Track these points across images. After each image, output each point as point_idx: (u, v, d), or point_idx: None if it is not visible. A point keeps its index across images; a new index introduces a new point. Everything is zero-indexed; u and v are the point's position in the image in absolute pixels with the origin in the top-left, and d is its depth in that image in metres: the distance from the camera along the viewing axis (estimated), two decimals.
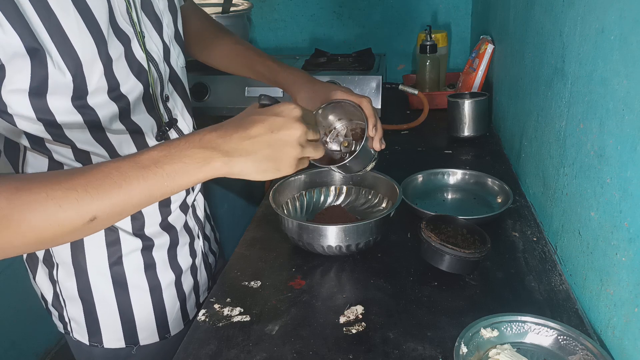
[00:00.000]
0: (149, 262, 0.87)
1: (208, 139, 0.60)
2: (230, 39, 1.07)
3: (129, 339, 0.89)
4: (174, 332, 0.93)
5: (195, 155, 0.59)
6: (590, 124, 0.76)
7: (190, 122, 0.92)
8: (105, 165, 0.57)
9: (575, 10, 0.82)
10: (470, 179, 1.14)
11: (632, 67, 0.63)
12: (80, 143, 0.74)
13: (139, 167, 0.57)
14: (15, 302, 1.82)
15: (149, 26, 0.79)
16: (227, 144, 0.60)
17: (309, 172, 1.04)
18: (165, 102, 0.85)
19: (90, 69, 0.68)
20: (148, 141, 0.82)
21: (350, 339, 0.74)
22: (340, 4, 1.98)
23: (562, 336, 0.69)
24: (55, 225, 0.55)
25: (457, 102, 1.36)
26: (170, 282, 0.91)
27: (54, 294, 0.86)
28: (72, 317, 0.87)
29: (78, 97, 0.70)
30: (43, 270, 0.86)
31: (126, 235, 0.84)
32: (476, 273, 0.86)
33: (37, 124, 0.70)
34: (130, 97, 0.76)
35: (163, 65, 0.83)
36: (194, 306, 0.97)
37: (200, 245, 0.97)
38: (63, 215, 0.55)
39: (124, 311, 0.87)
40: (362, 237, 0.89)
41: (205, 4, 1.83)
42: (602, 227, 0.72)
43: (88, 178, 0.56)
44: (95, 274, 0.84)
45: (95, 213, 0.56)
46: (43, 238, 0.56)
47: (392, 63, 2.00)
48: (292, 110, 0.64)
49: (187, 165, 0.59)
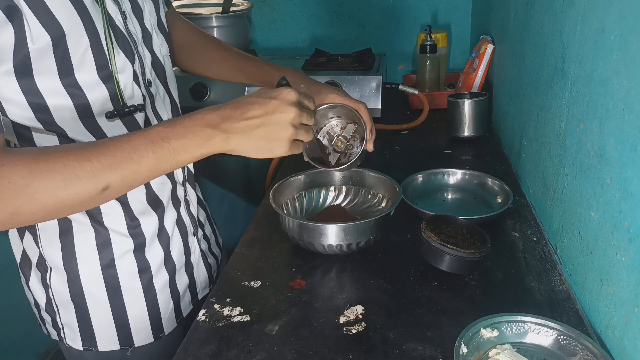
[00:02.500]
0: (142, 265, 0.86)
1: (210, 118, 0.66)
2: (217, 45, 1.07)
3: (123, 341, 0.88)
4: (167, 331, 0.92)
5: (199, 133, 0.65)
6: (590, 124, 0.76)
7: (170, 109, 0.90)
8: (117, 139, 0.63)
9: (575, 10, 0.82)
10: (470, 179, 1.14)
11: (632, 67, 0.63)
12: (71, 132, 0.74)
13: (149, 142, 0.63)
14: (15, 302, 1.82)
15: (129, 9, 0.80)
16: (226, 123, 0.66)
17: (308, 173, 1.04)
18: (148, 86, 0.84)
19: (76, 41, 0.69)
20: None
21: (350, 339, 0.74)
22: (340, 4, 1.98)
23: (562, 336, 0.69)
24: (72, 193, 0.61)
25: (457, 102, 1.36)
26: (165, 283, 0.90)
27: (47, 299, 0.86)
28: (65, 322, 0.87)
29: (65, 73, 0.70)
30: (36, 275, 0.85)
31: (117, 235, 0.83)
32: (476, 273, 0.86)
33: (27, 110, 0.70)
34: (121, 79, 0.76)
35: (142, 49, 0.82)
36: (189, 304, 0.97)
37: (196, 243, 0.97)
38: (79, 184, 0.60)
39: (117, 314, 0.86)
40: (362, 235, 0.89)
41: (205, 4, 1.83)
42: (602, 227, 0.72)
43: (101, 150, 0.62)
44: (88, 278, 0.83)
45: (108, 182, 0.62)
46: (60, 206, 0.61)
47: (392, 63, 2.00)
48: (288, 94, 0.70)
49: (191, 141, 0.65)
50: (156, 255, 0.88)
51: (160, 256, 0.89)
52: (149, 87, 0.84)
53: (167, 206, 0.88)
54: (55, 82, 0.70)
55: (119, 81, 0.76)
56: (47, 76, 0.69)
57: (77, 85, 0.72)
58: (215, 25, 1.71)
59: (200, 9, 1.79)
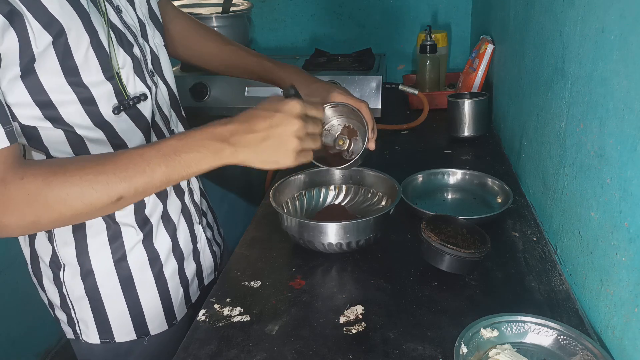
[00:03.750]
0: (152, 255, 0.87)
1: (219, 131, 0.69)
2: (218, 39, 1.07)
3: (139, 330, 0.89)
4: (179, 317, 0.94)
5: (209, 146, 0.69)
6: (590, 124, 0.76)
7: (168, 100, 0.90)
8: (131, 152, 0.67)
9: (575, 10, 0.82)
10: (470, 179, 1.14)
11: (632, 67, 0.63)
12: (79, 128, 0.75)
13: (161, 155, 0.67)
14: (15, 301, 1.82)
15: (123, 2, 0.80)
16: (234, 137, 0.69)
17: (308, 172, 1.04)
18: (152, 77, 0.85)
19: (76, 39, 0.69)
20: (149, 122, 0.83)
21: (350, 339, 0.74)
22: (340, 4, 1.98)
23: (562, 336, 0.69)
24: (88, 204, 0.65)
25: (457, 102, 1.36)
26: (174, 271, 0.91)
27: (61, 297, 0.87)
28: (80, 318, 0.87)
29: (70, 73, 0.70)
30: (47, 275, 0.86)
31: (127, 228, 0.84)
32: (476, 273, 0.86)
33: (34, 108, 0.70)
34: (122, 74, 0.77)
35: (142, 41, 0.83)
36: (197, 290, 0.98)
37: (201, 230, 0.97)
38: (95, 195, 0.65)
39: (132, 305, 0.88)
40: (362, 234, 0.89)
41: (205, 4, 1.83)
42: (602, 227, 0.72)
43: (116, 163, 0.66)
44: (101, 272, 0.84)
45: (122, 193, 0.66)
46: (77, 215, 0.66)
47: (392, 63, 2.00)
48: (293, 107, 0.71)
49: (201, 154, 0.68)
50: (164, 243, 0.89)
51: (168, 244, 0.90)
52: (152, 77, 0.85)
53: (169, 193, 0.89)
54: (60, 80, 0.70)
55: (121, 77, 0.77)
56: (51, 75, 0.69)
57: (83, 85, 0.73)
58: (215, 25, 1.71)
59: (200, 9, 1.79)
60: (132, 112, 0.80)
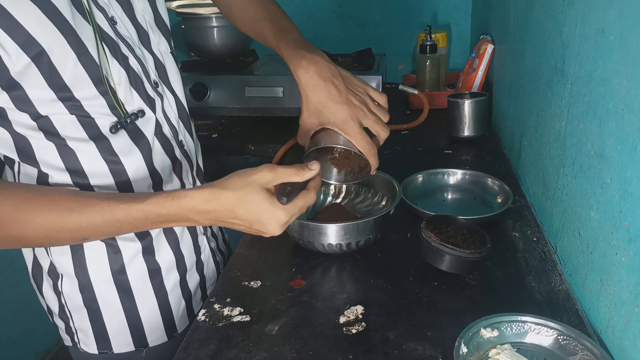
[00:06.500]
0: (152, 267, 0.86)
1: (204, 211, 0.68)
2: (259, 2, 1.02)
3: (137, 342, 0.88)
4: (180, 329, 0.93)
5: (192, 219, 0.69)
6: (590, 124, 0.76)
7: (175, 109, 0.88)
8: (114, 207, 0.67)
9: (575, 10, 0.82)
10: (470, 179, 1.14)
11: (632, 67, 0.63)
12: (73, 141, 0.74)
13: (144, 218, 0.68)
14: (15, 302, 1.82)
15: (119, 11, 0.77)
16: (216, 222, 0.71)
17: None
18: (156, 87, 0.82)
19: (60, 57, 0.67)
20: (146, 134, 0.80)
21: (350, 339, 0.74)
22: (340, 4, 1.98)
23: (562, 336, 0.69)
24: (53, 239, 0.69)
25: (457, 102, 1.36)
26: (176, 283, 0.90)
27: (60, 305, 0.86)
28: (78, 327, 0.87)
29: (59, 90, 0.69)
30: (48, 282, 0.85)
31: (125, 241, 0.83)
32: (476, 273, 0.86)
33: (27, 118, 0.69)
34: (118, 88, 0.75)
35: (140, 51, 0.79)
36: (200, 300, 0.97)
37: (205, 241, 0.96)
38: (60, 235, 0.68)
39: (130, 316, 0.87)
40: (362, 235, 0.89)
41: (205, 4, 1.82)
42: (602, 227, 0.72)
43: (88, 219, 0.67)
44: (100, 284, 0.83)
45: (89, 237, 0.70)
46: (45, 243, 0.73)
47: (392, 63, 2.00)
48: (274, 224, 0.70)
49: (181, 223, 0.71)
50: (166, 257, 0.88)
51: (171, 258, 0.89)
52: (157, 88, 0.82)
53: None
54: (49, 95, 0.69)
55: (116, 91, 0.75)
56: (39, 89, 0.68)
57: (75, 99, 0.71)
58: (215, 25, 1.71)
59: (200, 9, 1.79)
60: (130, 129, 0.78)
